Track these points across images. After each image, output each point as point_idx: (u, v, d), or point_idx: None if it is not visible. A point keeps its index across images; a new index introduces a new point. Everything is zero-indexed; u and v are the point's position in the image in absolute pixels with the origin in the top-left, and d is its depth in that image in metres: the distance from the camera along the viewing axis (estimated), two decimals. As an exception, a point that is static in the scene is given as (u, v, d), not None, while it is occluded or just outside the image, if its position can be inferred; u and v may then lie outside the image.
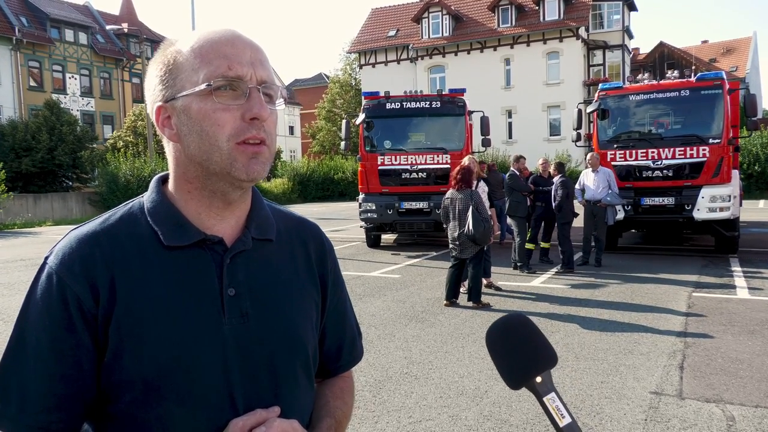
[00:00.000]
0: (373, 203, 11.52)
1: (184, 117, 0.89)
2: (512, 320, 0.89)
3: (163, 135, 0.93)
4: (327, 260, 1.08)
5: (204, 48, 0.89)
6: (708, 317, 6.15)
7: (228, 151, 0.87)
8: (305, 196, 32.63)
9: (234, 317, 0.91)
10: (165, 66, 0.91)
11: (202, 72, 0.87)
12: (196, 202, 0.93)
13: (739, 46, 42.19)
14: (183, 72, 0.89)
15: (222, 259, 0.92)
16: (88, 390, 0.87)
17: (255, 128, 0.88)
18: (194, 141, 0.89)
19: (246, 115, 0.87)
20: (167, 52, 0.92)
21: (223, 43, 0.89)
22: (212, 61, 0.87)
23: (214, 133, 0.87)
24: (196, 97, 0.88)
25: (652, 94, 10.39)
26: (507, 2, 32.19)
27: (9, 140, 25.67)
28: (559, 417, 0.81)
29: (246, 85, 0.88)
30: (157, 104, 0.92)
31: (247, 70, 0.88)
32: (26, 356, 0.86)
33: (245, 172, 0.88)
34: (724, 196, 9.63)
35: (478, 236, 6.61)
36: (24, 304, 0.89)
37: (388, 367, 4.79)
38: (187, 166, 0.92)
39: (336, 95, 41.86)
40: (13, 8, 32.52)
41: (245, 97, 0.88)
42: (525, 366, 0.85)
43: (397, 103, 11.75)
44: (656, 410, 3.83)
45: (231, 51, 0.88)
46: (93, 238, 0.90)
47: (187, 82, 0.88)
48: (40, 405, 0.85)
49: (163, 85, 0.91)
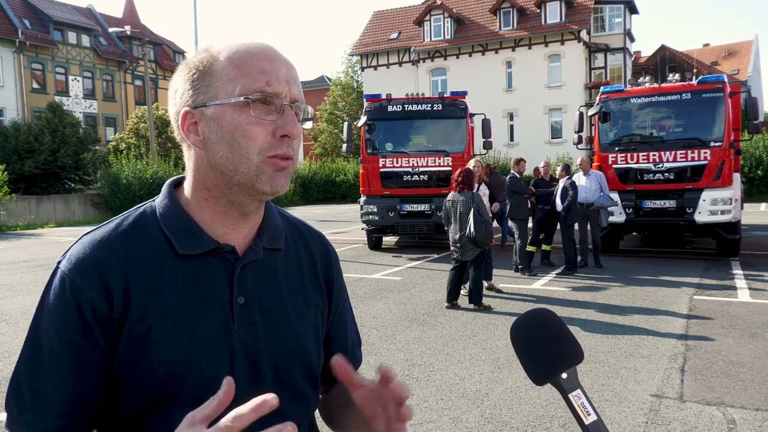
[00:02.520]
0: (375, 205, 11.53)
1: (214, 125, 0.89)
2: (538, 315, 0.87)
3: (185, 140, 0.92)
4: (333, 269, 1.08)
5: (243, 60, 0.88)
6: (709, 320, 6.16)
7: (257, 164, 0.88)
8: (307, 198, 32.66)
9: (243, 325, 0.92)
10: (198, 71, 0.90)
11: (239, 83, 0.87)
12: (212, 210, 0.93)
13: (741, 50, 42.17)
14: (218, 80, 0.88)
15: (233, 267, 0.93)
16: (102, 394, 0.88)
17: (285, 145, 0.89)
18: (222, 150, 0.88)
19: (278, 131, 0.88)
20: (201, 57, 0.91)
21: (262, 57, 0.89)
22: (251, 74, 0.87)
23: (246, 144, 0.87)
24: (231, 107, 0.87)
25: (654, 97, 10.39)
26: (509, 5, 32.22)
27: (12, 142, 25.74)
28: (585, 414, 0.80)
29: (281, 101, 0.88)
30: (185, 109, 0.91)
31: (283, 87, 0.88)
32: (41, 361, 0.86)
33: (270, 185, 0.89)
34: (725, 199, 9.64)
35: (479, 239, 6.63)
36: (38, 309, 0.89)
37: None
38: (208, 174, 0.91)
39: (338, 98, 41.91)
40: (16, 11, 32.63)
41: (278, 113, 0.88)
42: (551, 362, 0.83)
43: (398, 106, 11.77)
44: (657, 413, 3.84)
45: (269, 66, 0.88)
46: (107, 243, 0.90)
47: (222, 91, 0.88)
48: (55, 409, 0.86)
49: (193, 90, 0.90)
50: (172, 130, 0.96)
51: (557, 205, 9.25)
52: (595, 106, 10.85)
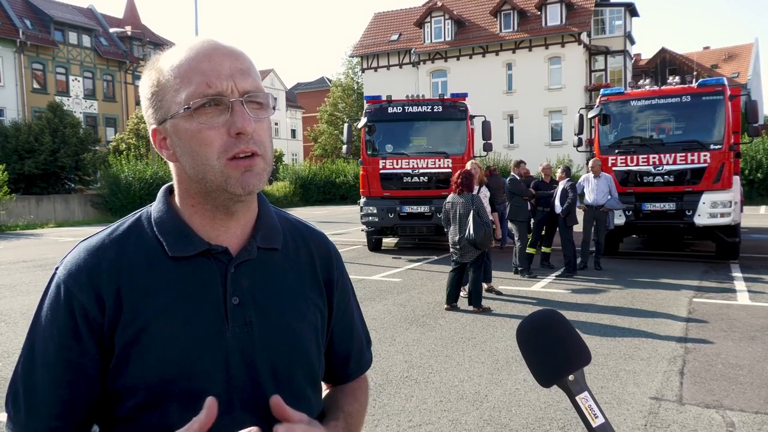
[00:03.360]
0: (375, 207, 11.54)
1: (176, 138, 0.90)
2: (545, 316, 0.86)
3: (162, 156, 0.95)
4: (333, 268, 1.07)
5: (182, 66, 0.88)
6: (709, 323, 6.15)
7: (220, 169, 0.87)
8: (307, 200, 32.67)
9: (237, 326, 0.91)
10: (150, 89, 0.92)
11: (183, 93, 0.87)
12: (200, 216, 0.94)
13: (741, 53, 42.21)
14: (167, 93, 0.89)
15: (226, 268, 0.93)
16: (93, 396, 0.89)
17: (243, 142, 0.87)
18: (188, 161, 0.90)
19: (231, 130, 0.87)
20: (152, 72, 0.92)
21: (201, 58, 0.88)
22: (191, 80, 0.87)
23: (204, 152, 0.87)
24: (182, 118, 0.88)
25: (654, 100, 10.40)
26: (509, 7, 32.26)
27: (12, 142, 25.73)
28: (592, 417, 0.79)
29: (228, 99, 0.87)
30: (152, 127, 0.93)
31: (226, 83, 0.87)
32: (35, 364, 0.89)
33: (241, 186, 0.88)
34: (725, 201, 9.64)
35: (479, 240, 6.63)
36: (35, 314, 0.92)
37: (389, 371, 4.80)
38: (188, 183, 0.93)
39: (338, 99, 41.94)
40: (17, 11, 32.65)
41: (229, 111, 0.87)
42: (557, 363, 0.82)
43: (399, 108, 11.78)
44: (656, 416, 3.83)
45: (208, 66, 0.87)
46: (100, 248, 0.92)
47: (173, 104, 0.88)
48: (47, 411, 0.88)
49: (153, 108, 0.92)
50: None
51: (556, 207, 9.25)
52: (595, 109, 10.86)
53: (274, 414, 0.87)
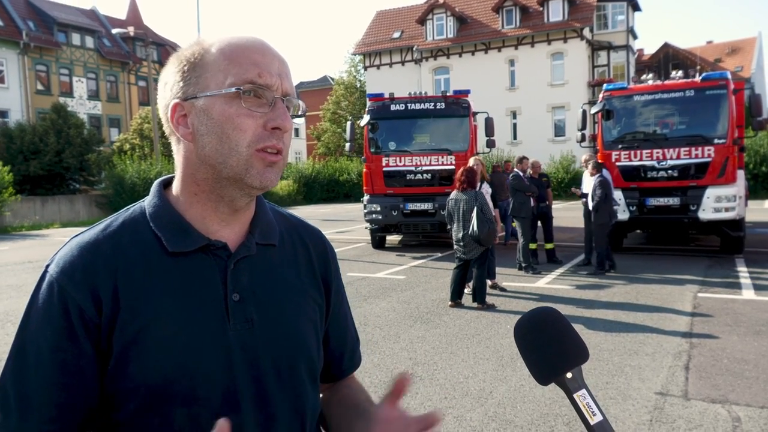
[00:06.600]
0: (378, 205, 11.54)
1: (204, 117, 0.87)
2: (543, 313, 0.86)
3: (175, 133, 0.91)
4: (330, 265, 1.07)
5: (235, 52, 0.88)
6: (713, 318, 6.14)
7: (246, 157, 0.87)
8: (310, 198, 32.68)
9: (238, 323, 0.90)
10: (189, 63, 0.89)
11: (230, 75, 0.86)
12: (202, 206, 0.92)
13: (745, 47, 41.99)
14: (209, 71, 0.87)
15: (226, 264, 0.91)
16: (90, 399, 0.86)
17: (275, 138, 0.88)
18: (212, 142, 0.87)
19: (269, 124, 0.87)
20: (193, 49, 0.90)
21: (254, 50, 0.88)
22: (243, 65, 0.87)
23: (235, 137, 0.86)
24: (221, 98, 0.86)
25: (657, 95, 10.36)
26: (511, 3, 32.17)
27: (17, 143, 25.83)
28: (590, 414, 0.78)
29: (272, 94, 0.88)
30: (175, 101, 0.89)
31: (275, 80, 0.88)
32: (27, 366, 0.85)
33: (259, 180, 0.88)
34: (729, 196, 9.61)
35: (483, 237, 6.63)
36: (25, 314, 0.88)
37: (393, 368, 4.81)
38: (197, 168, 0.90)
39: (341, 97, 41.90)
40: (20, 12, 32.74)
41: (270, 106, 0.87)
42: (555, 361, 0.82)
43: (401, 105, 11.77)
44: (661, 411, 3.84)
45: (261, 59, 0.88)
46: (95, 245, 0.88)
47: (212, 82, 0.87)
48: (41, 415, 0.84)
49: (184, 82, 0.89)
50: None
51: (589, 203, 9.10)
52: (599, 104, 10.83)
53: (393, 395, 0.90)
